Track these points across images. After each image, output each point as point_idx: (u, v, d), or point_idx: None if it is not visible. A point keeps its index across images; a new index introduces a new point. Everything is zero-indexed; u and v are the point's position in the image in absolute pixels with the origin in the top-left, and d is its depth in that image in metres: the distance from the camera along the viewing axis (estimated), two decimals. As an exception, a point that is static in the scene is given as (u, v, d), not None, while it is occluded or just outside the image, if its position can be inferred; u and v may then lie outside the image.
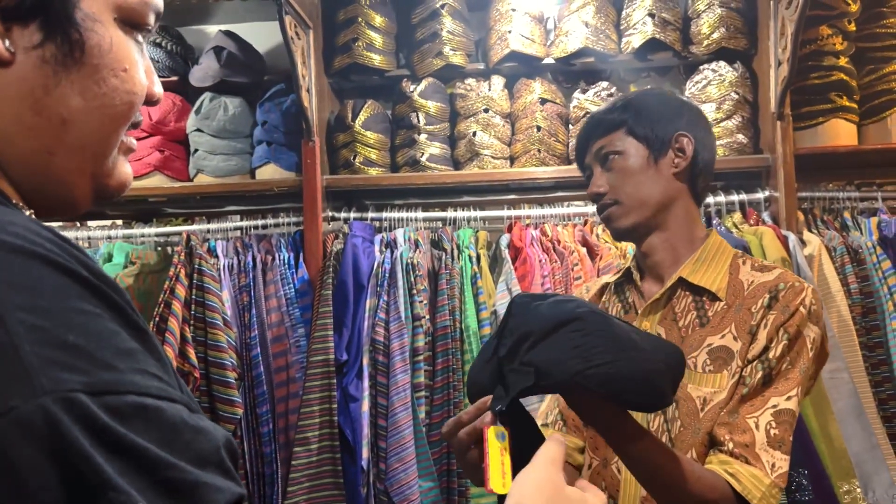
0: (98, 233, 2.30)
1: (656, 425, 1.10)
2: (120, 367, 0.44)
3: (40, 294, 0.44)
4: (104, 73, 0.56)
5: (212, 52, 2.29)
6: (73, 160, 0.57)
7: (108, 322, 0.46)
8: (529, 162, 2.22)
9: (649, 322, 1.16)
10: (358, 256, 2.02)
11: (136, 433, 0.43)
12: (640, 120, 1.16)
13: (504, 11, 2.24)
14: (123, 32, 0.58)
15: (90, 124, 0.57)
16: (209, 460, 0.47)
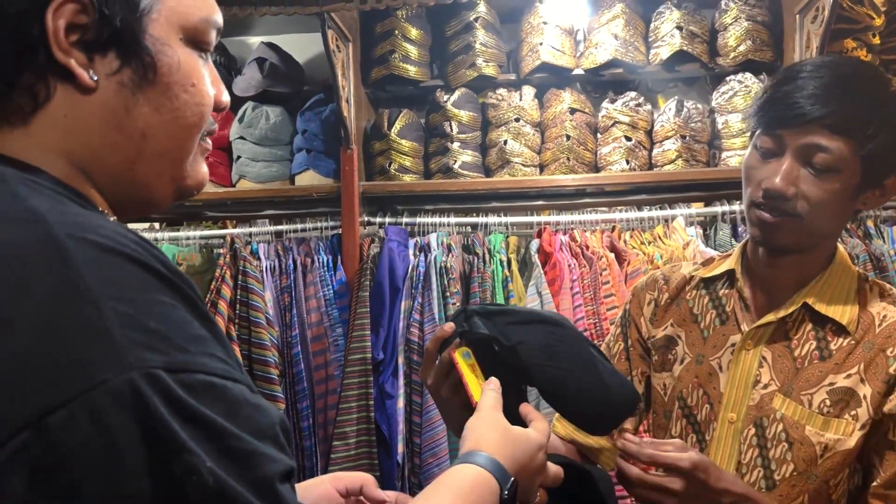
0: (146, 235, 2.41)
1: (749, 458, 1.05)
2: (192, 350, 0.52)
3: (127, 286, 0.52)
4: (175, 89, 0.63)
5: (254, 62, 2.40)
6: (153, 167, 0.65)
7: (182, 312, 0.54)
8: (559, 170, 2.29)
9: (753, 342, 1.07)
10: (394, 260, 2.11)
11: (205, 406, 0.50)
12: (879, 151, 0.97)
13: (536, 24, 2.32)
14: (192, 50, 0.65)
15: (167, 135, 0.64)
16: (266, 434, 0.54)
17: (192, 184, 0.69)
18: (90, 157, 0.62)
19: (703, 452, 1.09)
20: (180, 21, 0.64)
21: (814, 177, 0.97)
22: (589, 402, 0.90)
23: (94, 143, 0.62)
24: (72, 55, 0.59)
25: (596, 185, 2.26)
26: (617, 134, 2.29)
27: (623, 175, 2.24)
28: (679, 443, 0.99)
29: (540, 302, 2.05)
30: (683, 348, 1.15)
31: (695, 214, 2.21)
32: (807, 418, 1.01)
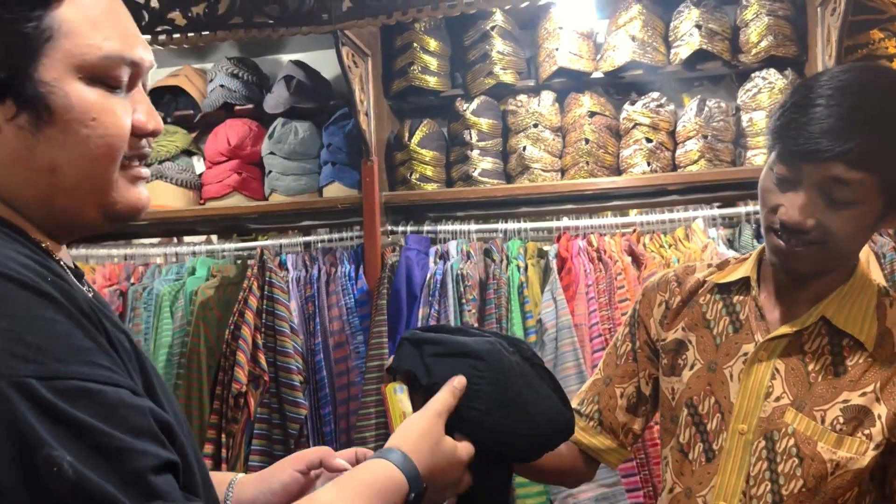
0: (184, 248, 2.54)
1: (757, 471, 1.04)
2: (69, 360, 0.59)
3: (9, 305, 0.59)
4: (74, 126, 0.68)
5: (282, 81, 2.49)
6: (72, 198, 0.71)
7: (65, 326, 0.60)
8: (578, 174, 2.29)
9: (767, 353, 1.06)
10: (411, 268, 2.16)
11: (77, 409, 0.57)
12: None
13: (551, 30, 2.32)
14: (91, 86, 0.69)
15: (76, 169, 0.69)
16: (144, 432, 0.60)
17: (123, 209, 0.74)
18: (8, 192, 0.70)
19: (712, 463, 1.09)
20: (76, 62, 0.68)
21: (833, 208, 0.94)
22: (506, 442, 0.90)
23: (8, 180, 0.69)
24: None
25: (615, 189, 2.24)
26: (638, 136, 2.26)
27: (642, 177, 2.21)
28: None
29: (555, 307, 2.05)
30: (694, 354, 1.13)
31: (717, 216, 2.16)
32: (819, 434, 1.00)
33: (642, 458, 1.93)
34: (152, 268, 2.51)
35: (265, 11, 2.10)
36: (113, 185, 0.73)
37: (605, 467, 1.89)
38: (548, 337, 2.04)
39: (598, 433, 1.23)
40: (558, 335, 2.03)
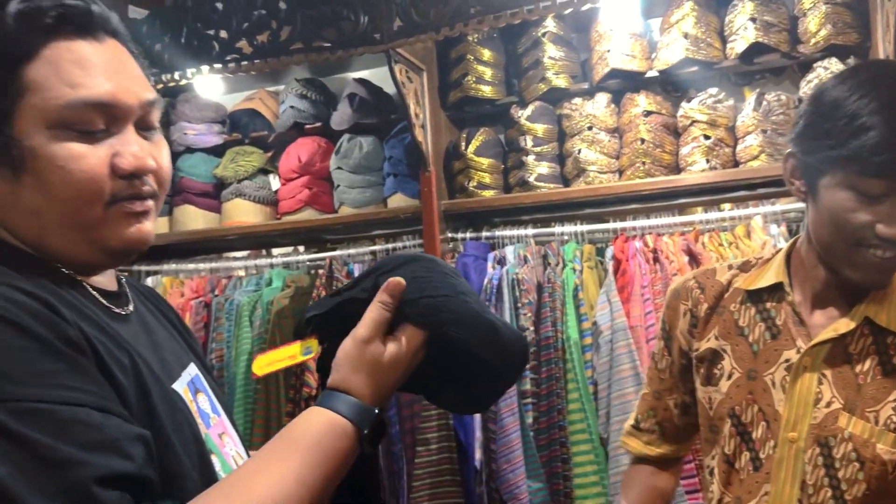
0: (262, 261, 2.71)
1: (815, 479, 1.03)
2: (26, 384, 0.64)
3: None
4: (44, 173, 0.74)
5: (346, 98, 2.62)
6: (60, 237, 0.78)
7: (33, 353, 0.66)
8: (635, 174, 2.28)
9: (811, 359, 1.05)
10: (468, 273, 2.22)
11: (25, 426, 0.62)
12: None
13: (603, 32, 2.33)
14: (60, 137, 0.74)
15: (54, 210, 0.76)
16: (97, 446, 0.64)
17: (116, 246, 0.80)
18: (12, 231, 0.79)
19: (760, 472, 1.09)
20: (41, 115, 0.74)
21: None
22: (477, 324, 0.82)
23: (7, 221, 0.79)
24: None
25: (674, 188, 2.22)
26: (696, 133, 2.24)
27: (701, 175, 2.18)
28: None
29: (610, 309, 2.06)
30: (731, 362, 1.13)
31: (779, 212, 2.10)
32: (877, 436, 1.00)
33: (701, 458, 1.90)
34: (234, 280, 2.68)
35: (323, 36, 2.23)
36: (100, 223, 0.78)
37: (661, 469, 1.90)
38: (603, 339, 2.05)
39: (663, 443, 1.27)
40: (613, 337, 2.03)
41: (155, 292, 1.08)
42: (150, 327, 0.92)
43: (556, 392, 2.06)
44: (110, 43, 0.81)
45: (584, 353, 2.07)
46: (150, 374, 0.81)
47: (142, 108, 0.80)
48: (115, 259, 0.84)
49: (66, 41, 0.77)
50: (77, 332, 0.72)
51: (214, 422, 0.93)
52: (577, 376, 2.04)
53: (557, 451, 2.02)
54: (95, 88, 0.76)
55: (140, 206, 0.80)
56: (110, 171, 0.77)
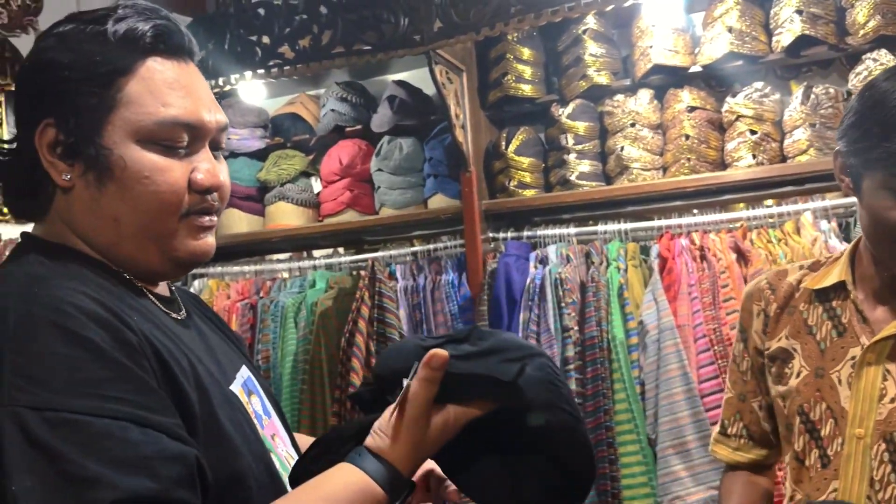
0: (305, 263, 2.73)
1: (881, 474, 1.05)
2: (66, 392, 0.65)
3: (32, 342, 0.67)
4: (130, 182, 0.79)
5: (386, 100, 2.63)
6: (135, 245, 0.82)
7: (78, 361, 0.67)
8: (680, 171, 2.25)
9: (875, 355, 1.06)
10: (510, 273, 2.21)
11: (58, 438, 0.63)
12: None
13: (644, 28, 2.30)
14: (147, 149, 0.79)
15: (134, 219, 0.80)
16: (126, 463, 0.64)
17: (184, 257, 0.84)
18: (86, 237, 0.83)
19: (828, 468, 1.10)
20: (132, 127, 0.79)
21: None
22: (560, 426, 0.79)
23: (83, 226, 0.82)
24: (53, 165, 0.80)
25: (720, 184, 2.18)
26: (741, 128, 2.20)
27: (748, 171, 2.14)
28: None
29: (656, 308, 2.03)
30: (800, 361, 1.15)
31: (829, 207, 2.05)
32: None
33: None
34: (278, 282, 2.72)
35: (363, 39, 2.24)
36: (173, 234, 0.83)
37: (713, 469, 1.88)
38: (650, 339, 2.02)
39: (753, 447, 1.27)
40: (660, 337, 2.01)
41: (198, 297, 1.12)
42: (203, 331, 0.95)
43: (601, 392, 2.05)
44: (192, 66, 0.87)
45: (630, 353, 2.05)
46: (209, 376, 0.83)
47: (218, 131, 0.86)
48: (180, 269, 0.88)
49: (159, 61, 0.82)
50: (140, 337, 0.74)
51: (266, 423, 0.95)
52: (623, 376, 2.02)
53: (604, 452, 2.00)
54: (185, 109, 0.81)
55: (208, 221, 0.85)
56: (188, 185, 0.82)
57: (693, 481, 1.92)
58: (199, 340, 0.90)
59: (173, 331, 0.84)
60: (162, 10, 0.85)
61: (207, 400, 0.79)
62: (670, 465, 1.93)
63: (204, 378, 0.81)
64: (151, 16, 0.83)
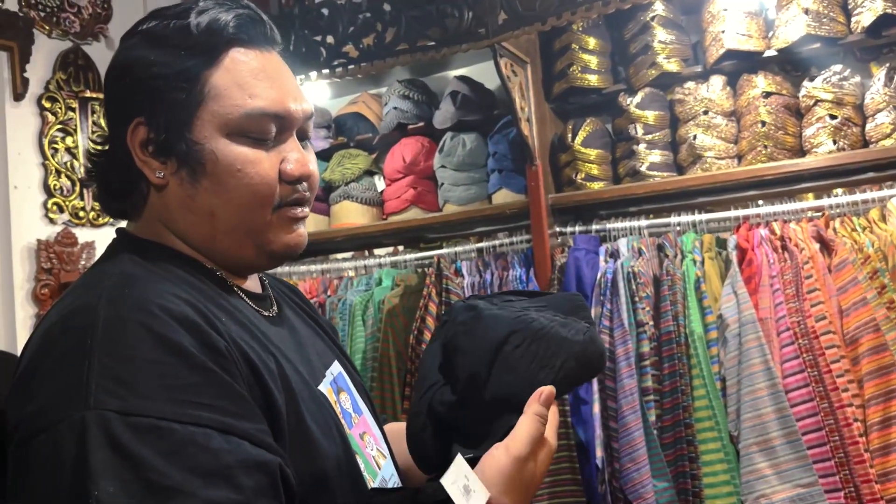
0: (371, 261, 2.74)
1: None
2: (152, 397, 0.64)
3: (122, 345, 0.66)
4: (223, 176, 0.78)
5: (449, 96, 2.62)
6: (231, 239, 0.81)
7: (167, 367, 0.66)
8: (756, 159, 2.18)
9: None
10: (580, 268, 2.17)
11: (142, 444, 0.62)
12: None
13: (716, 13, 2.23)
14: (237, 142, 0.78)
15: (230, 212, 0.79)
16: (207, 473, 0.63)
17: (278, 249, 0.83)
18: (182, 234, 0.82)
19: None
20: (221, 121, 0.78)
21: None
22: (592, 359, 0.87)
23: (180, 224, 0.82)
24: (146, 163, 0.80)
25: (799, 171, 2.10)
26: (820, 113, 2.11)
27: (828, 157, 2.06)
28: None
29: (736, 301, 1.97)
30: None
31: (920, 192, 1.95)
32: None
33: (841, 456, 1.80)
34: (345, 280, 2.73)
35: (427, 35, 2.23)
36: (267, 227, 0.81)
37: (799, 466, 1.81)
38: (730, 333, 1.96)
39: None
40: (741, 331, 1.94)
41: (294, 287, 1.10)
42: (295, 327, 0.93)
43: (680, 389, 1.99)
44: (276, 54, 0.84)
45: (709, 348, 1.99)
46: (297, 376, 0.82)
47: (305, 120, 0.84)
48: (274, 261, 0.86)
49: (242, 51, 0.80)
50: (229, 341, 0.73)
51: (356, 421, 0.93)
52: (702, 372, 1.96)
53: (684, 450, 1.95)
54: (272, 99, 0.80)
55: (301, 212, 0.84)
56: (278, 176, 0.80)
57: (778, 479, 1.85)
58: (289, 338, 0.89)
59: (263, 331, 0.83)
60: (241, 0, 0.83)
61: (295, 402, 0.78)
62: (754, 462, 1.86)
63: (292, 379, 0.80)
64: (233, 6, 0.82)
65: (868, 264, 1.88)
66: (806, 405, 1.85)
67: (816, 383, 1.85)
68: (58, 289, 2.50)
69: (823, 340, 1.86)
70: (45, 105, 2.57)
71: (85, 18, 2.70)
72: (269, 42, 0.84)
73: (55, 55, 2.61)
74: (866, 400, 1.83)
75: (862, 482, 1.77)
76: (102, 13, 2.75)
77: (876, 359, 1.82)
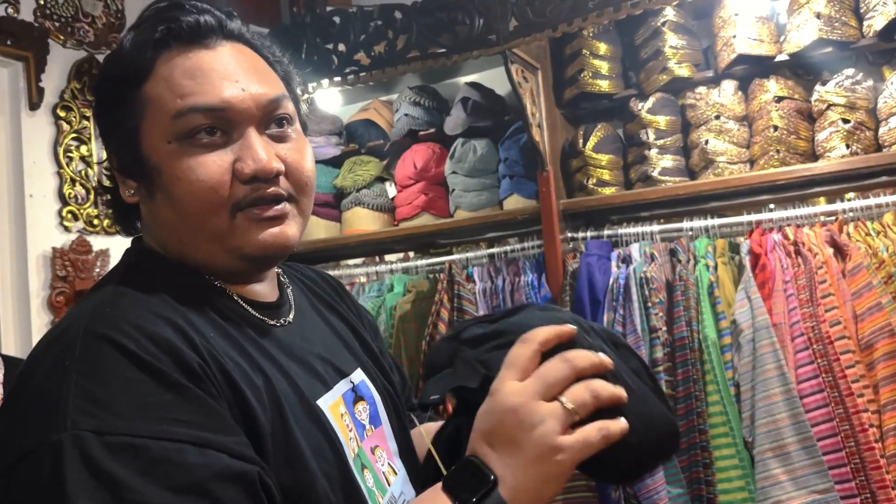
0: (382, 267, 2.75)
1: None
2: (127, 416, 0.63)
3: (98, 367, 0.66)
4: (169, 187, 0.76)
5: (459, 103, 2.62)
6: (198, 249, 0.79)
7: (139, 384, 0.66)
8: (768, 164, 2.17)
9: None
10: (592, 273, 2.17)
11: (118, 464, 0.61)
12: None
13: (727, 17, 2.23)
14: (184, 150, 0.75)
15: (184, 222, 0.78)
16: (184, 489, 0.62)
17: (252, 252, 0.79)
18: (164, 248, 0.83)
19: None
20: (161, 129, 0.76)
21: None
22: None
23: (159, 239, 0.83)
24: (123, 182, 0.82)
25: (812, 176, 2.09)
26: (833, 117, 2.11)
27: (842, 161, 2.05)
28: None
29: (750, 306, 1.96)
30: None
31: (934, 196, 1.94)
32: None
33: (857, 462, 1.79)
34: (357, 286, 2.74)
35: (438, 42, 2.24)
36: (230, 231, 0.78)
37: (815, 472, 1.80)
38: (744, 338, 1.95)
39: None
40: (755, 336, 1.93)
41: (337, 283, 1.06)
42: (307, 335, 0.90)
43: (693, 394, 1.98)
44: (226, 47, 0.79)
45: (723, 354, 1.98)
46: (292, 391, 0.79)
47: (261, 108, 0.78)
48: (257, 265, 0.83)
49: (177, 54, 0.77)
50: (207, 359, 0.72)
51: (370, 433, 0.90)
52: (716, 378, 1.96)
53: (698, 456, 1.94)
54: (204, 95, 0.75)
55: (271, 211, 0.78)
56: (232, 177, 0.76)
57: (794, 485, 1.84)
58: (295, 348, 0.86)
59: (260, 343, 0.81)
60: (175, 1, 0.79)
61: (283, 418, 0.76)
62: (769, 468, 1.86)
63: (283, 394, 0.77)
64: (169, 8, 0.78)
65: (882, 269, 1.87)
66: (821, 410, 1.84)
67: (831, 388, 1.84)
68: (73, 296, 2.52)
69: (838, 346, 1.85)
70: (59, 114, 2.60)
71: (99, 28, 2.72)
72: (213, 36, 0.79)
73: (70, 65, 2.64)
74: (882, 405, 1.82)
75: (878, 488, 1.76)
76: (116, 23, 2.78)
77: (891, 364, 1.81)
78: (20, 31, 2.48)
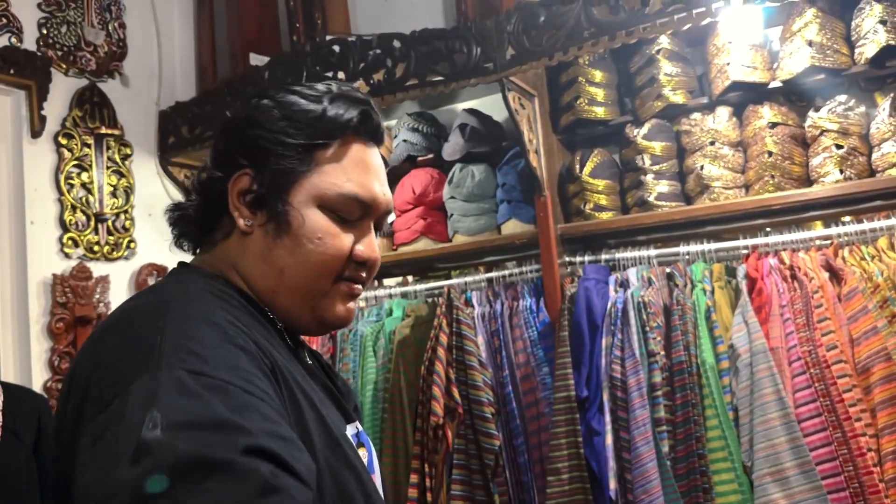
0: (381, 291, 2.76)
1: None
2: (218, 367, 0.70)
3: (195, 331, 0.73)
4: (303, 240, 0.87)
5: (458, 129, 2.65)
6: (291, 298, 0.88)
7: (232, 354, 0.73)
8: (764, 188, 2.19)
9: None
10: (591, 298, 2.18)
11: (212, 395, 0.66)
12: None
13: (721, 45, 2.26)
14: (325, 214, 0.88)
15: (298, 273, 0.87)
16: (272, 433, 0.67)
17: (329, 319, 0.91)
18: (248, 279, 0.90)
19: None
20: (317, 193, 0.88)
21: None
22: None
23: (250, 269, 0.89)
24: (239, 209, 0.88)
25: (807, 201, 2.12)
26: (826, 143, 2.13)
27: (836, 186, 2.08)
28: None
29: (747, 331, 1.98)
30: None
31: (928, 221, 1.97)
32: None
33: (856, 486, 1.79)
34: (356, 311, 2.74)
35: (436, 70, 2.27)
36: (326, 294, 0.90)
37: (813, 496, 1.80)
38: (741, 363, 1.96)
39: None
40: (753, 360, 1.94)
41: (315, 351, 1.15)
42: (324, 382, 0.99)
43: (692, 419, 1.99)
44: (377, 150, 0.95)
45: (721, 378, 1.99)
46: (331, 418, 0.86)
47: (386, 211, 0.94)
48: (322, 329, 0.94)
49: (355, 141, 0.92)
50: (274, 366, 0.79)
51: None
52: (714, 402, 1.97)
53: (698, 481, 1.94)
54: (365, 188, 0.91)
55: (357, 290, 0.92)
56: (349, 254, 0.89)
57: (793, 510, 1.84)
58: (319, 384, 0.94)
59: (301, 372, 0.88)
60: (367, 98, 0.95)
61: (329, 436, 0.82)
62: (768, 492, 1.86)
63: (327, 418, 0.84)
64: (359, 103, 0.93)
65: (878, 293, 1.89)
66: (819, 435, 1.85)
67: (829, 413, 1.85)
68: (72, 322, 2.52)
69: (835, 370, 1.86)
70: (61, 142, 2.62)
71: (101, 56, 2.76)
72: (376, 139, 0.95)
73: (72, 93, 2.67)
74: (880, 429, 1.82)
75: (865, 476, 1.76)
76: (118, 51, 2.81)
77: (888, 388, 1.82)
78: (23, 60, 2.51)
